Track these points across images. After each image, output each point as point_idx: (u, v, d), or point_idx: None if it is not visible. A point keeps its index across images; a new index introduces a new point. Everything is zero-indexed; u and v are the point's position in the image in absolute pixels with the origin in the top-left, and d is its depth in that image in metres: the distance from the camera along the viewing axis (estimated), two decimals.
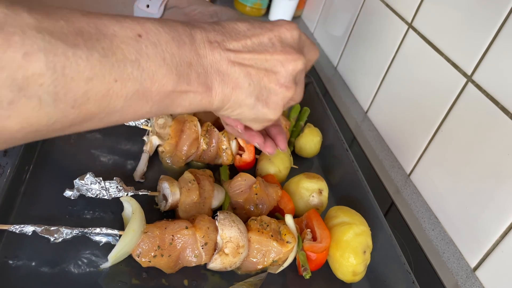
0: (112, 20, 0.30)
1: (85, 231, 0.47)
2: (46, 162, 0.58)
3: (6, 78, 0.23)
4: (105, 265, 0.48)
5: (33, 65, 0.24)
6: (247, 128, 0.46)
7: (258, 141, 0.47)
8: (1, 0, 0.24)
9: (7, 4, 0.24)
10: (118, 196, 0.53)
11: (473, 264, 0.68)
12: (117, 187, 0.53)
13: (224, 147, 0.65)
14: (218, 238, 0.51)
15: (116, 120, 0.32)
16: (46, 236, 0.45)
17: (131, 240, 0.47)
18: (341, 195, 0.71)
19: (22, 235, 0.45)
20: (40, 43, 0.25)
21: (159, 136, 0.63)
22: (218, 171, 0.66)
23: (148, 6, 0.62)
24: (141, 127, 0.65)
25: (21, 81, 0.24)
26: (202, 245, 0.50)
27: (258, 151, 0.70)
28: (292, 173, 0.68)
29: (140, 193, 0.55)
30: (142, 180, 0.60)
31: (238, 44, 0.36)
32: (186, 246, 0.50)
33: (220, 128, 0.69)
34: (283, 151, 0.50)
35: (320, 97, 0.87)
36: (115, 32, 0.29)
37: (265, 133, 0.50)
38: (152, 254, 0.48)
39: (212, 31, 0.36)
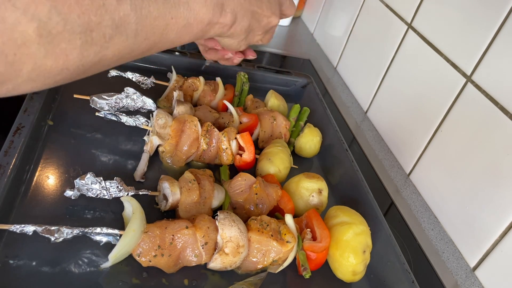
0: None
1: (85, 230, 0.47)
2: (46, 162, 0.58)
3: (108, 19, 0.31)
4: (106, 264, 0.48)
5: (123, 8, 0.32)
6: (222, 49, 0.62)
7: (229, 54, 0.63)
8: None
9: None
10: (118, 196, 0.53)
11: (472, 264, 0.68)
12: (117, 187, 0.53)
13: (224, 147, 0.65)
14: (218, 237, 0.51)
15: (167, 46, 0.42)
16: (46, 236, 0.45)
17: (131, 240, 0.47)
18: (340, 195, 0.71)
19: (23, 235, 0.45)
20: None
21: (159, 136, 0.63)
22: (218, 171, 0.66)
23: None
24: (142, 127, 0.65)
25: (117, 21, 0.32)
26: (202, 245, 0.50)
27: (258, 151, 0.70)
28: (292, 173, 0.68)
29: (140, 193, 0.55)
30: (143, 180, 0.61)
31: None
32: (187, 245, 0.50)
33: (220, 128, 0.70)
34: (253, 57, 0.66)
35: (320, 97, 0.87)
36: None
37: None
38: (153, 253, 0.48)
39: None
